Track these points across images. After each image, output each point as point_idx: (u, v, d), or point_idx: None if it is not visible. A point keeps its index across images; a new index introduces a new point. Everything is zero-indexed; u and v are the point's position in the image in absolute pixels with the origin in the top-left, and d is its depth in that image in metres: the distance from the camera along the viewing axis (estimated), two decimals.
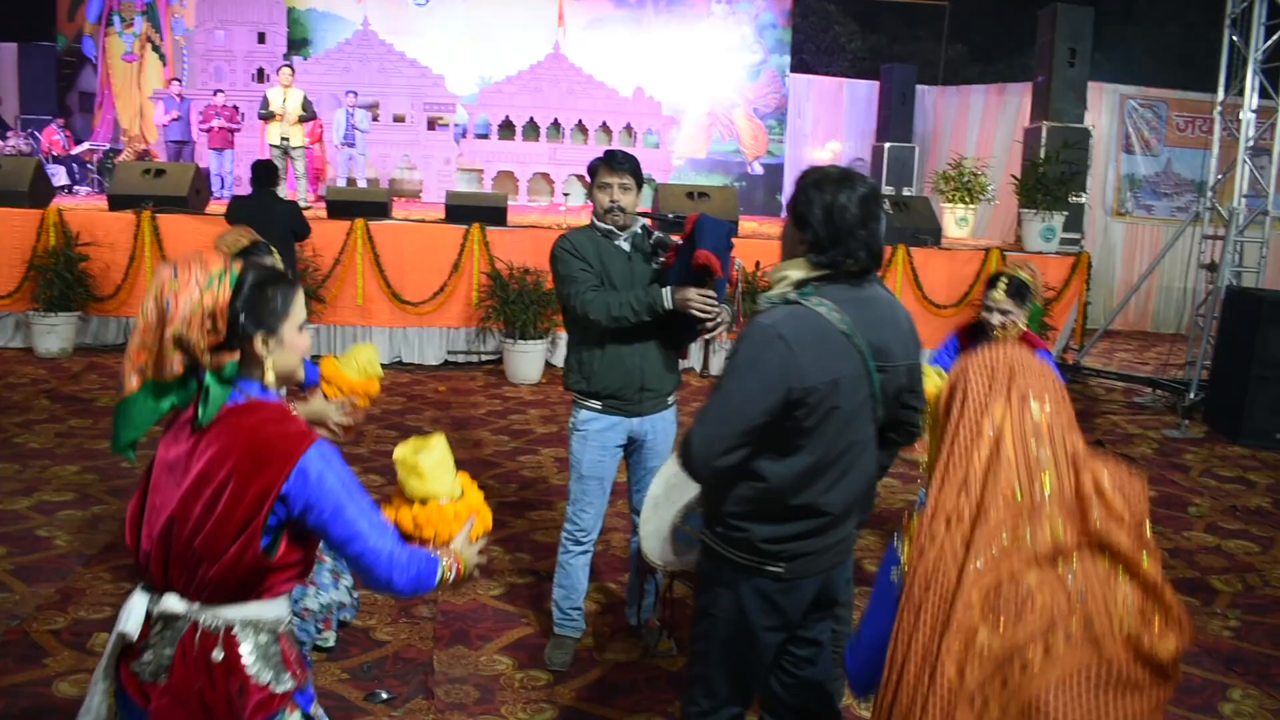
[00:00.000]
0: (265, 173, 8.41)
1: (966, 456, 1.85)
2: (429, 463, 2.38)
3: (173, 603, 2.08)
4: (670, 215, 4.08)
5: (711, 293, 3.70)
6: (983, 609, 1.75)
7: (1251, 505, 7.00)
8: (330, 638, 4.14)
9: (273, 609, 2.14)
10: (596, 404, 4.00)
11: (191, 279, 2.02)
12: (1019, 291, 4.20)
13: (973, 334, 4.38)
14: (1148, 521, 1.81)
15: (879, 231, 2.53)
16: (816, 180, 2.54)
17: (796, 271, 2.54)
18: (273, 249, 3.59)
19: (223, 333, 2.02)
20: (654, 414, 4.05)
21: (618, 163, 3.97)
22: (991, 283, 4.29)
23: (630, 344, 3.91)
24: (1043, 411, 1.87)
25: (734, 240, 3.93)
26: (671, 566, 3.11)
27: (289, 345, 2.13)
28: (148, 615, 2.10)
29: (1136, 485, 1.85)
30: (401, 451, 2.42)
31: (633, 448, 4.11)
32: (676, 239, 4.01)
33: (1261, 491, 7.35)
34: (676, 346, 4.04)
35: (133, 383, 2.05)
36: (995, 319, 4.22)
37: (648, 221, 4.17)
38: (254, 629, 2.10)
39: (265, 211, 8.02)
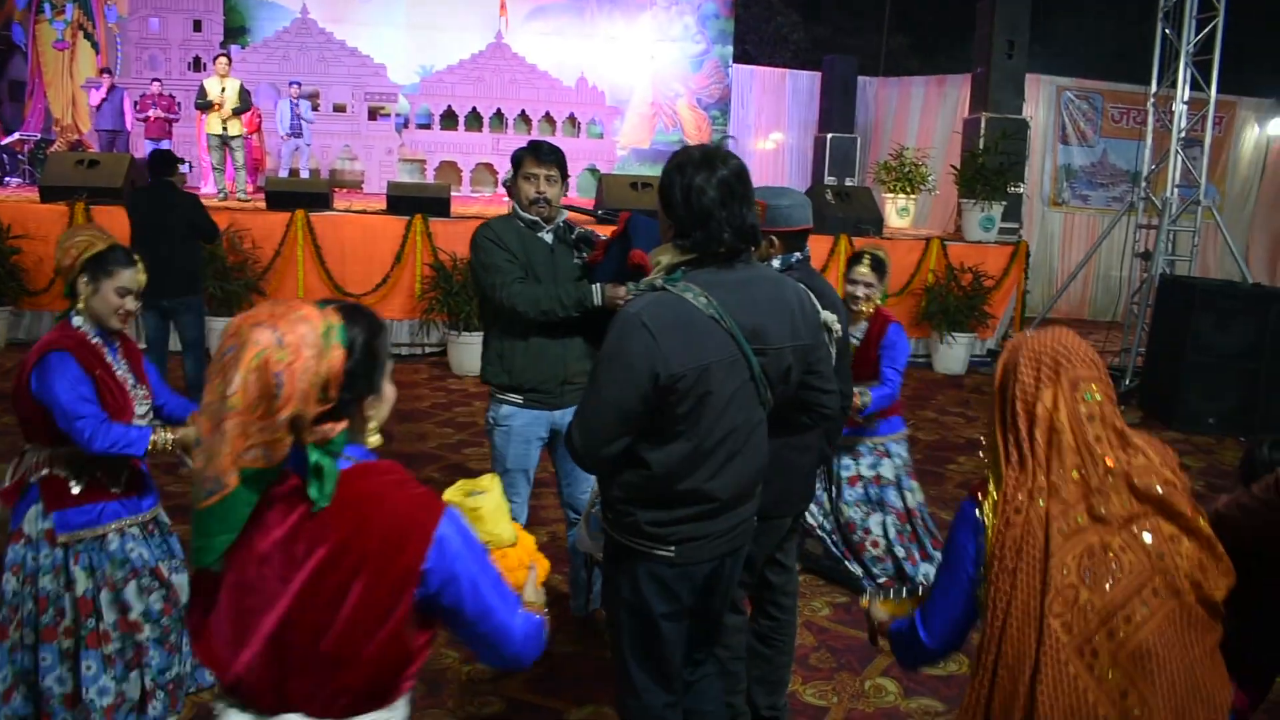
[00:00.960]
0: (162, 162, 7.52)
1: (1030, 439, 2.05)
2: (489, 507, 2.16)
3: None
4: (601, 211, 4.07)
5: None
6: (1079, 572, 1.96)
7: None
8: None
9: (400, 713, 1.88)
10: (518, 398, 3.98)
11: (301, 345, 1.68)
12: (879, 266, 4.69)
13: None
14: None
15: (745, 212, 2.48)
16: (679, 163, 2.52)
17: (666, 257, 2.53)
18: (136, 257, 3.28)
19: (334, 401, 1.72)
20: (575, 405, 4.00)
21: (544, 154, 3.92)
22: (855, 260, 4.72)
23: (555, 338, 3.88)
24: (1094, 396, 2.08)
25: None
26: (585, 549, 3.13)
27: (386, 398, 1.89)
28: None
29: (1171, 455, 2.14)
30: (454, 495, 2.18)
31: (555, 440, 4.09)
32: (602, 232, 4.00)
33: (1195, 474, 7.52)
34: (599, 341, 4.00)
35: (233, 480, 1.67)
36: (860, 291, 4.62)
37: (572, 217, 4.15)
38: None
39: (166, 206, 7.30)
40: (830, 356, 2.81)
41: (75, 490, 3.23)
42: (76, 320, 3.23)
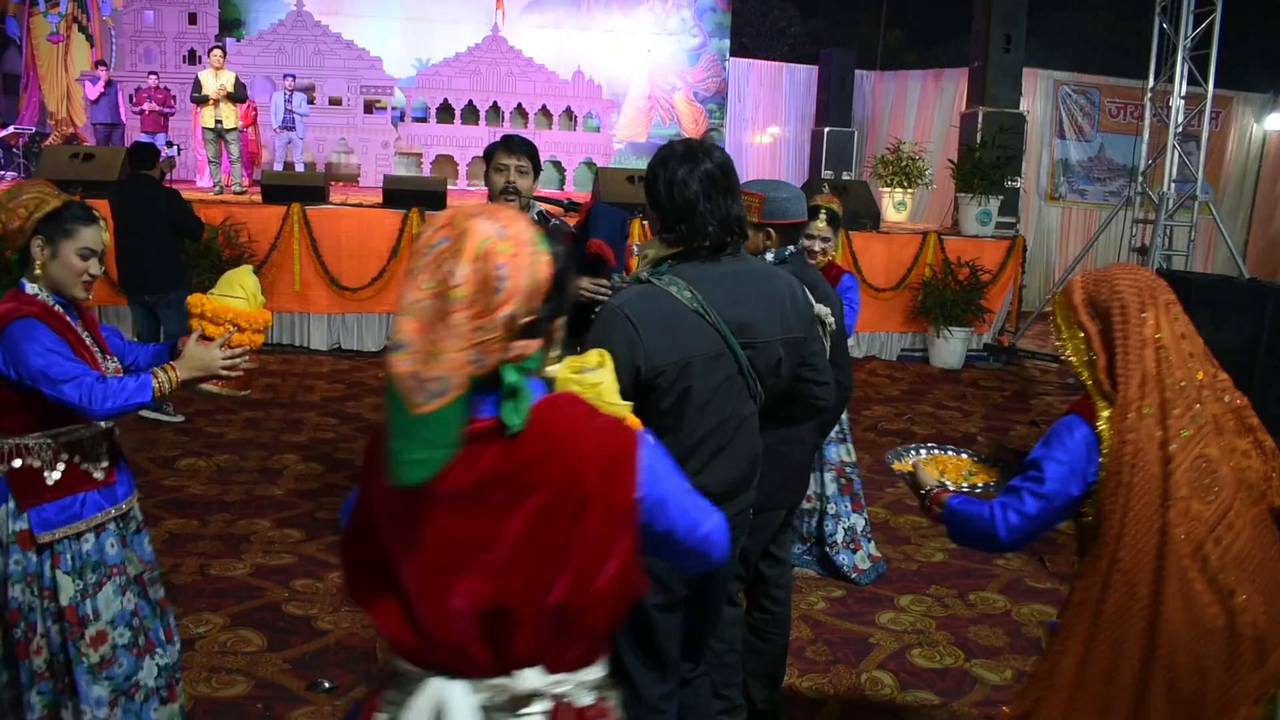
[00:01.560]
0: (142, 155, 7.35)
1: (1140, 358, 2.25)
2: (608, 382, 2.02)
3: (534, 680, 1.62)
4: (566, 200, 4.05)
5: (605, 281, 3.67)
6: (1189, 485, 2.17)
7: None
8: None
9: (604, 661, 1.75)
10: None
11: (521, 239, 1.57)
12: (834, 220, 4.71)
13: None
14: None
15: (729, 205, 2.48)
16: (663, 158, 2.52)
17: (652, 250, 2.54)
18: (97, 213, 2.91)
19: (536, 313, 1.60)
20: None
21: (514, 145, 3.93)
22: (813, 214, 4.65)
23: None
24: (1180, 317, 2.34)
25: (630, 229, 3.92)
26: None
27: (558, 330, 1.75)
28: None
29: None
30: (567, 374, 2.01)
31: None
32: (572, 222, 3.99)
33: None
34: (574, 334, 3.91)
35: (461, 382, 1.51)
36: (817, 245, 4.62)
37: (545, 208, 4.14)
38: (610, 689, 1.74)
39: (148, 200, 7.13)
40: (825, 349, 2.81)
41: (52, 480, 2.82)
42: (31, 288, 2.79)
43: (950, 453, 2.91)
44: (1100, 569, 2.22)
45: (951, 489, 2.58)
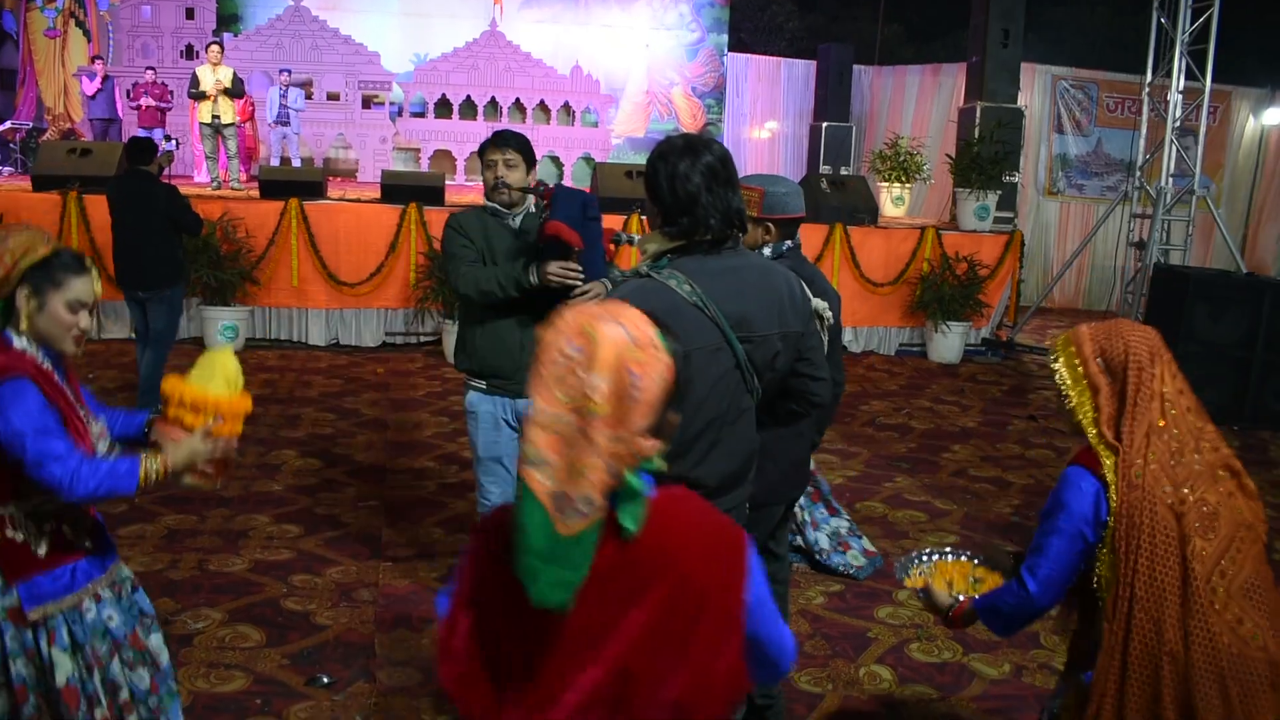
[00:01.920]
0: (140, 150, 7.21)
1: (1148, 410, 2.39)
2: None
3: None
4: (541, 186, 4.01)
5: (574, 265, 3.65)
6: (1194, 527, 2.34)
7: None
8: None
9: None
10: (482, 384, 3.98)
11: (650, 344, 1.53)
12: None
13: None
14: None
15: (730, 197, 2.49)
16: (662, 151, 2.53)
17: (653, 244, 2.54)
18: (89, 262, 2.66)
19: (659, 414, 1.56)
20: None
21: (502, 140, 3.93)
22: None
23: (508, 321, 3.85)
24: (1179, 371, 2.46)
25: (600, 212, 3.84)
26: None
27: (673, 426, 1.69)
28: None
29: None
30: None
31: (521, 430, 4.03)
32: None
33: None
34: None
35: (600, 502, 1.47)
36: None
37: (542, 199, 4.11)
38: None
39: (146, 196, 7.02)
40: (823, 345, 2.81)
41: (41, 553, 2.58)
42: (19, 342, 2.54)
43: (950, 558, 2.97)
44: (1122, 611, 2.35)
45: (963, 599, 2.70)
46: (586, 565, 1.48)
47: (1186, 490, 2.36)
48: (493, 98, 17.77)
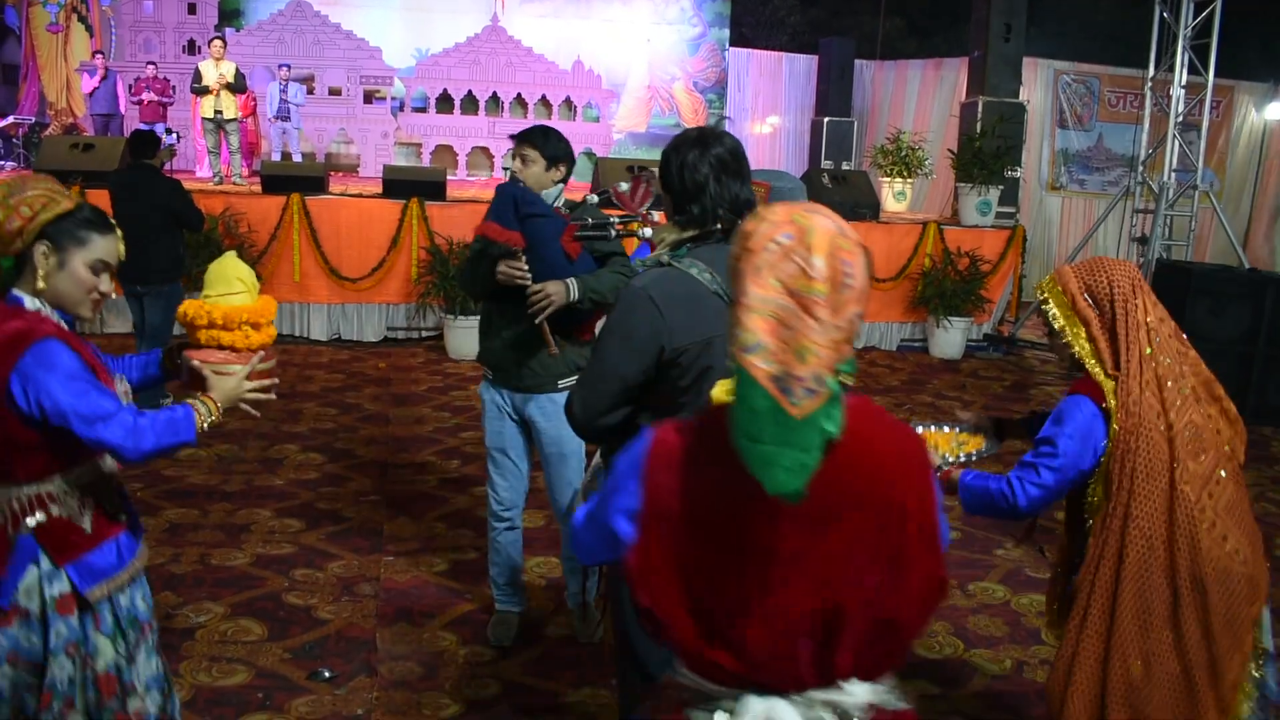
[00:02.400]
0: (142, 144, 7.15)
1: (1137, 340, 2.57)
2: None
3: (857, 691, 1.59)
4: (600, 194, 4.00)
5: (520, 264, 3.61)
6: (1185, 449, 2.53)
7: None
8: None
9: None
10: (490, 374, 4.01)
11: (857, 239, 1.53)
12: None
13: None
14: None
15: (738, 189, 2.55)
16: (676, 144, 2.60)
17: (670, 234, 2.60)
18: (113, 221, 2.48)
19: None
20: (540, 394, 3.89)
21: (521, 136, 3.92)
22: None
23: (504, 314, 3.84)
24: (1158, 301, 2.64)
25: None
26: None
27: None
28: None
29: None
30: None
31: (530, 430, 4.03)
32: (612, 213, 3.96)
33: None
34: (566, 326, 3.79)
35: (829, 380, 1.46)
36: None
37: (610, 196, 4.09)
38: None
39: (149, 191, 6.95)
40: None
41: (87, 528, 2.42)
42: (30, 303, 2.34)
43: (933, 429, 3.05)
44: (1114, 528, 2.55)
45: (952, 462, 2.87)
46: (820, 448, 1.45)
47: (1174, 415, 2.53)
48: (494, 93, 17.76)
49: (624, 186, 3.54)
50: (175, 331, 7.38)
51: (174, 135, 14.32)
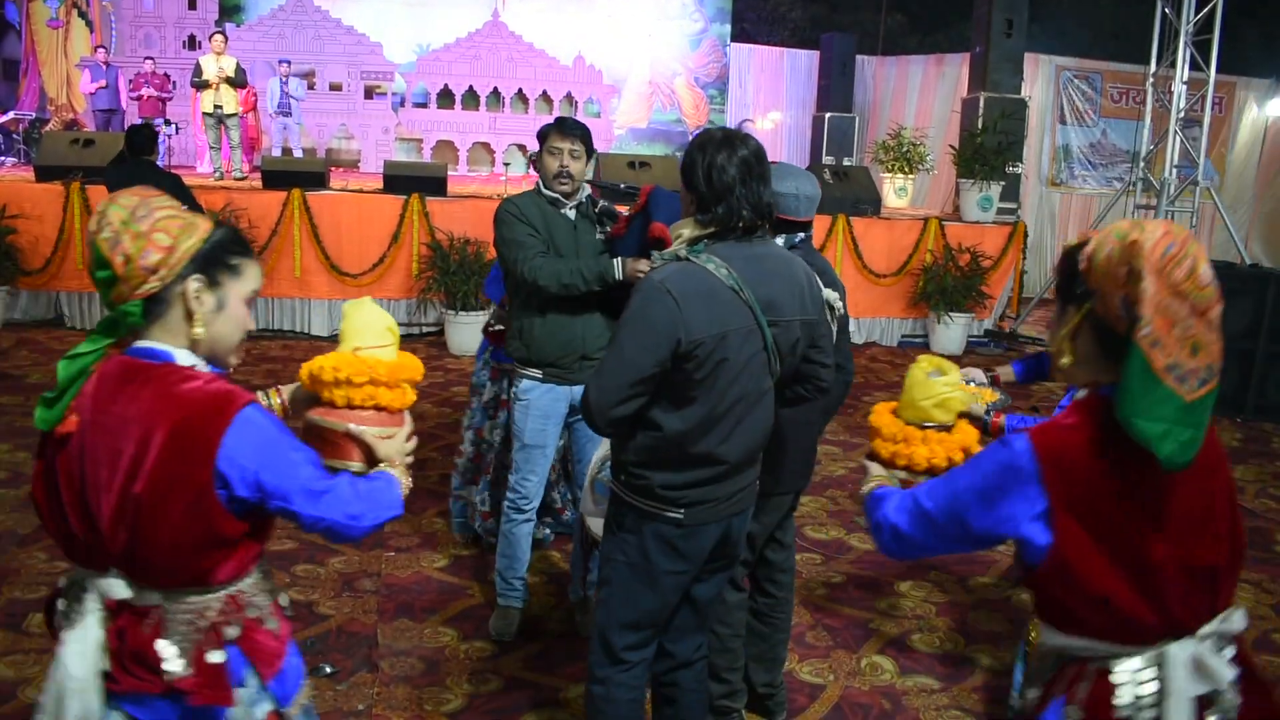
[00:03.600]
0: (142, 139, 7.08)
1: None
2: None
3: (1235, 618, 1.88)
4: (623, 185, 4.07)
5: (647, 262, 3.69)
6: None
7: None
8: None
9: None
10: (537, 372, 3.98)
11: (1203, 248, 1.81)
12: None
13: None
14: None
15: (762, 190, 2.60)
16: (701, 143, 2.63)
17: (688, 230, 2.64)
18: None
19: None
20: None
21: (569, 128, 3.96)
22: None
23: (574, 313, 3.89)
24: None
25: None
26: (589, 514, 3.18)
27: None
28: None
29: None
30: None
31: (573, 416, 4.09)
32: (623, 209, 3.98)
33: None
34: (618, 316, 3.95)
35: (1217, 370, 1.76)
36: None
37: (592, 191, 4.14)
38: None
39: (148, 185, 7.08)
40: (832, 333, 2.91)
41: (276, 629, 2.04)
42: (183, 357, 1.90)
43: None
44: None
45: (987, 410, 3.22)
46: (1205, 425, 1.73)
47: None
48: (495, 88, 17.75)
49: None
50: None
51: (173, 127, 14.31)
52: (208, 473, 1.80)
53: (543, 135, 4.01)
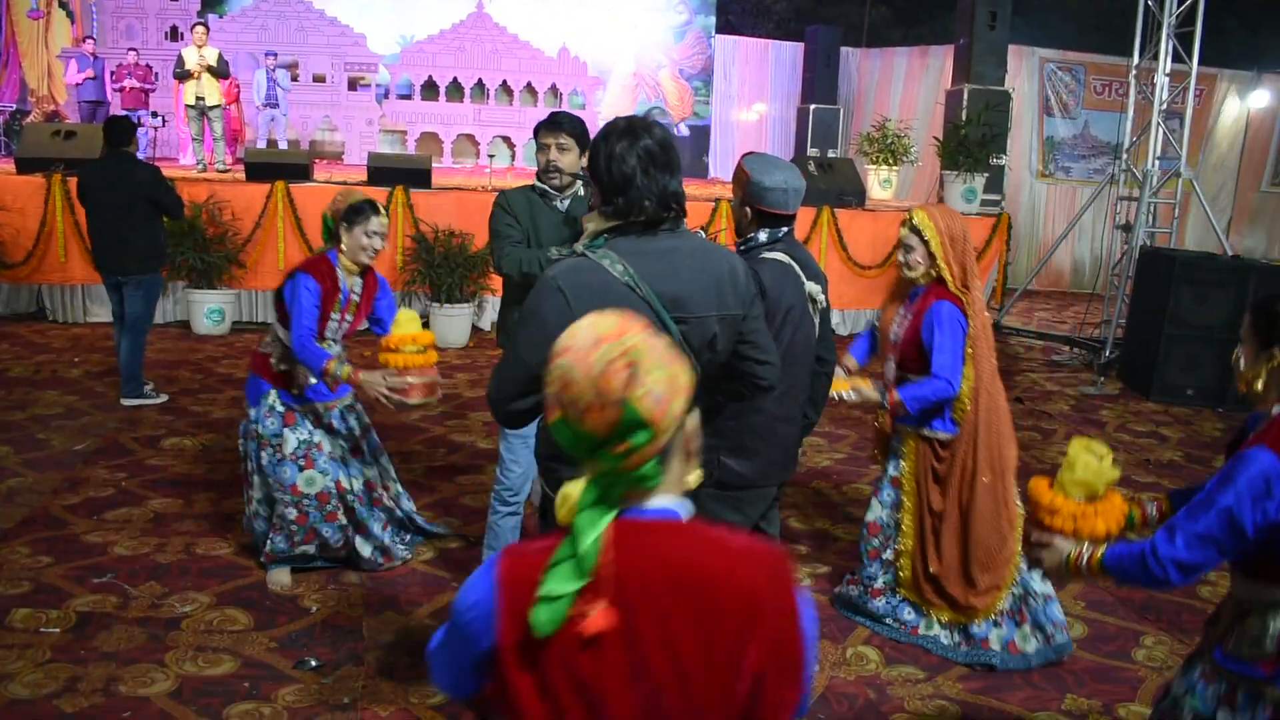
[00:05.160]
0: (119, 131, 6.96)
1: (975, 268, 4.13)
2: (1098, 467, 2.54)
3: None
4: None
5: None
6: (986, 340, 4.15)
7: (1164, 459, 7.22)
8: None
9: None
10: None
11: None
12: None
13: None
14: None
15: (667, 180, 2.52)
16: (606, 132, 2.57)
17: (592, 224, 2.58)
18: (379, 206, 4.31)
19: None
20: None
21: (555, 123, 3.98)
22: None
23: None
24: None
25: None
26: (536, 501, 3.18)
27: None
28: None
29: None
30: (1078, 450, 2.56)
31: None
32: None
33: (1173, 445, 7.58)
34: None
35: None
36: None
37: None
38: None
39: (125, 181, 6.81)
40: (766, 329, 2.81)
41: None
42: (333, 256, 4.54)
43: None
44: (973, 387, 4.04)
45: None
46: None
47: (981, 319, 4.04)
48: (479, 80, 17.70)
49: None
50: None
51: (160, 119, 14.22)
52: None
53: (535, 131, 4.05)
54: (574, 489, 1.59)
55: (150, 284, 7.00)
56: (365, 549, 4.60)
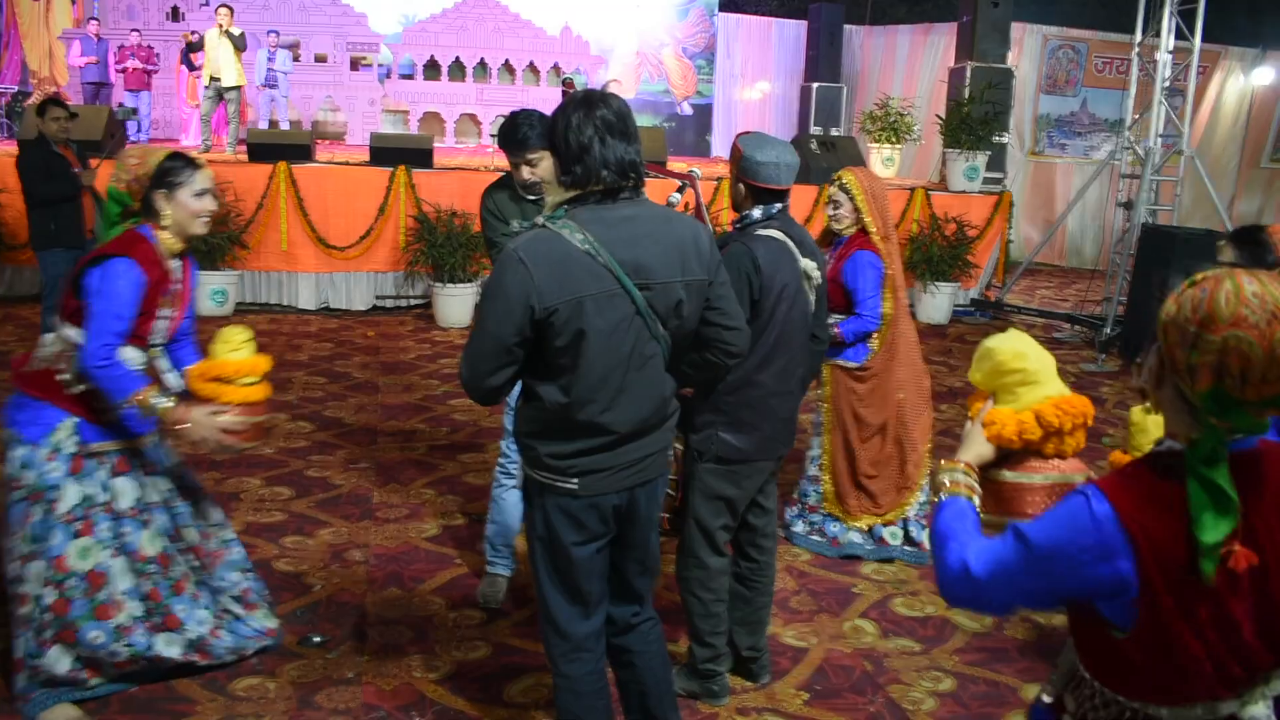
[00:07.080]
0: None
1: (891, 219, 4.81)
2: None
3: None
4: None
5: None
6: (898, 278, 4.87)
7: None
8: None
9: None
10: None
11: None
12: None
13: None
14: None
15: (625, 149, 2.56)
16: (564, 105, 2.62)
17: (553, 195, 2.63)
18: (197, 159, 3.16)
19: None
20: None
21: (520, 142, 3.74)
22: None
23: None
24: None
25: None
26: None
27: None
28: None
29: None
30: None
31: None
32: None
33: None
34: None
35: None
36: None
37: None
38: None
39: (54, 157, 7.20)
40: (732, 295, 2.82)
41: None
42: (151, 234, 3.27)
43: None
44: (892, 315, 4.76)
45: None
46: None
47: (896, 263, 4.69)
48: (482, 59, 17.66)
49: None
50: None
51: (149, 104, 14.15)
52: None
53: (501, 146, 3.87)
54: (1147, 420, 2.45)
55: (56, 261, 7.03)
56: (172, 649, 3.38)
